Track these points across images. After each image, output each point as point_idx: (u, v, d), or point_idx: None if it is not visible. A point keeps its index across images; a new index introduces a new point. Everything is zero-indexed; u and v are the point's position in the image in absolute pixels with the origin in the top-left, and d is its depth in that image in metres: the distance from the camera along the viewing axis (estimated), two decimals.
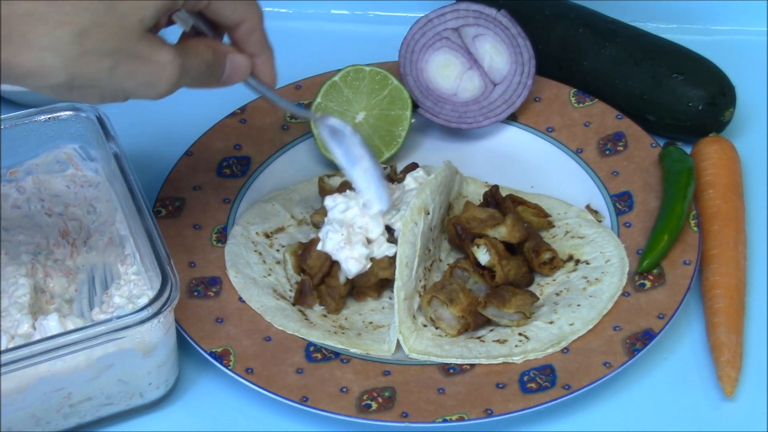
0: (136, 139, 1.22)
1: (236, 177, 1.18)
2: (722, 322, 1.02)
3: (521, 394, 0.97)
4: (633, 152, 1.18)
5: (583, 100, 1.24)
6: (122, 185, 1.03)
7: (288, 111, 1.01)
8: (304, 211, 1.16)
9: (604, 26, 1.27)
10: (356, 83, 1.20)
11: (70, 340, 0.90)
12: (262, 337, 1.02)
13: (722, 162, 1.16)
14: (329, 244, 1.04)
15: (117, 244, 1.07)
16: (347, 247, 1.04)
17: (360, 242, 1.04)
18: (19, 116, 1.08)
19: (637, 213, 1.12)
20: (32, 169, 1.11)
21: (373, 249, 1.05)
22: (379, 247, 1.05)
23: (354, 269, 1.04)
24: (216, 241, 1.11)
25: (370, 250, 1.04)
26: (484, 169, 1.19)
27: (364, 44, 1.36)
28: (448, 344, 1.02)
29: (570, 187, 1.17)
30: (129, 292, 1.00)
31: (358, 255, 1.04)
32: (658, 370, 1.02)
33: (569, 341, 1.01)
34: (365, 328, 1.05)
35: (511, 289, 1.03)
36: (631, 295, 1.05)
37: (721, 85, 1.22)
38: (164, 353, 0.96)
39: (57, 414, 0.95)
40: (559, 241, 1.11)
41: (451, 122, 1.23)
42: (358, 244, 1.04)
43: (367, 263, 1.04)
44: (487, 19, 1.22)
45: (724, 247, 1.08)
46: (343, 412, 0.96)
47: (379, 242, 1.05)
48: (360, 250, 1.04)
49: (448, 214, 1.12)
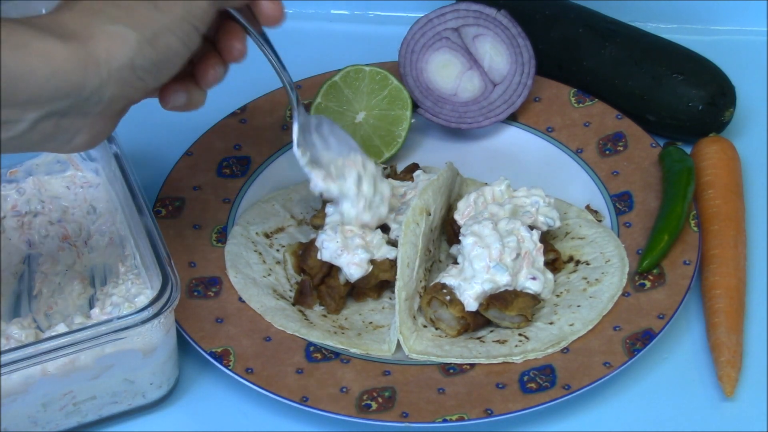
0: (136, 139, 1.22)
1: (236, 177, 1.18)
2: (722, 322, 1.02)
3: (521, 394, 0.97)
4: (633, 152, 1.18)
5: (583, 100, 1.24)
6: (122, 185, 1.03)
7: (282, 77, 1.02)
8: (304, 211, 1.16)
9: (604, 26, 1.27)
10: (356, 83, 1.21)
11: (71, 341, 0.90)
12: (262, 337, 1.02)
13: (722, 162, 1.16)
14: (326, 253, 1.04)
15: (117, 244, 1.07)
16: (346, 253, 1.04)
17: (359, 247, 1.04)
18: None
19: (637, 213, 1.12)
20: (32, 169, 1.11)
21: (373, 252, 1.05)
22: (379, 250, 1.05)
23: (356, 274, 1.04)
24: (216, 241, 1.11)
25: (370, 254, 1.04)
26: (484, 169, 1.19)
27: (364, 44, 1.36)
28: (448, 344, 1.02)
29: (570, 187, 1.17)
30: (127, 291, 1.00)
31: (359, 260, 1.04)
32: (658, 370, 1.02)
33: (569, 341, 1.01)
34: (365, 328, 1.05)
35: (514, 291, 1.03)
36: (631, 295, 1.05)
37: (721, 85, 1.22)
38: (165, 353, 0.96)
39: (59, 413, 0.95)
40: (559, 242, 1.11)
41: (451, 122, 1.23)
42: (358, 249, 1.04)
43: (368, 267, 1.04)
44: (487, 19, 1.22)
45: (724, 247, 1.08)
46: (343, 412, 0.96)
47: (379, 244, 1.05)
48: (360, 255, 1.03)
49: (448, 216, 1.12)
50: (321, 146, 1.07)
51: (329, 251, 1.04)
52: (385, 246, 1.05)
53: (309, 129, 1.07)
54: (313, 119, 1.07)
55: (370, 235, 1.05)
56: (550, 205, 1.08)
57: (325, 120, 1.08)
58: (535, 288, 1.03)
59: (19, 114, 0.81)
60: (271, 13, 0.94)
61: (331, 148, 1.07)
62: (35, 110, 0.81)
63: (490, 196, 1.10)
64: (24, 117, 0.81)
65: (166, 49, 0.86)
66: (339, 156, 1.07)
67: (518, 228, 1.04)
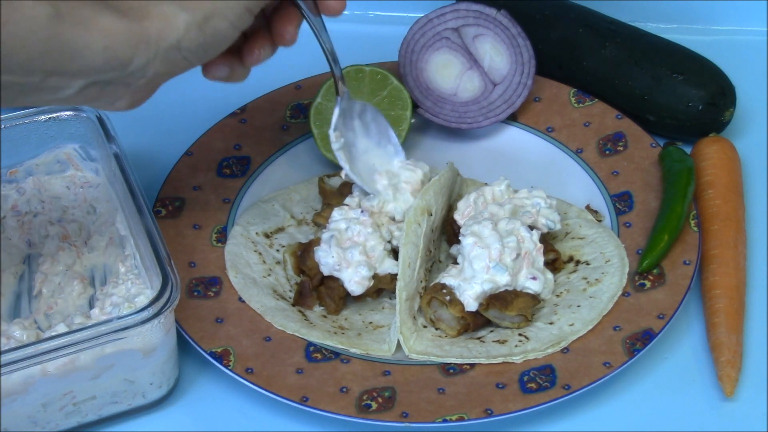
0: (136, 139, 1.22)
1: (236, 177, 1.18)
2: (722, 322, 1.02)
3: (521, 394, 0.97)
4: (633, 152, 1.18)
5: (583, 100, 1.24)
6: (122, 185, 1.03)
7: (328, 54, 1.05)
8: (304, 211, 1.16)
9: (604, 26, 1.27)
10: (356, 83, 1.20)
11: (71, 341, 0.90)
12: (262, 337, 1.02)
13: (722, 162, 1.16)
14: (325, 269, 1.04)
15: (117, 244, 1.07)
16: (347, 267, 1.03)
17: (361, 264, 1.03)
18: (19, 116, 1.08)
19: (637, 213, 1.12)
20: (32, 169, 1.11)
21: (375, 266, 1.04)
22: (381, 264, 1.05)
23: (358, 291, 1.04)
24: (216, 241, 1.11)
25: (372, 270, 1.04)
26: (484, 169, 1.19)
27: (364, 44, 1.36)
28: (448, 344, 1.02)
29: (570, 187, 1.17)
30: (127, 291, 1.00)
31: (360, 278, 1.03)
32: (658, 370, 1.02)
33: (569, 341, 1.01)
34: (365, 328, 1.05)
35: (514, 291, 1.03)
36: (631, 295, 1.05)
37: (721, 85, 1.22)
38: (165, 353, 0.96)
39: (59, 413, 0.95)
40: (559, 242, 1.11)
41: (450, 122, 1.23)
42: (360, 267, 1.03)
43: (370, 283, 1.04)
44: (487, 19, 1.22)
45: (724, 247, 1.08)
46: (343, 412, 0.96)
47: (381, 257, 1.05)
48: (362, 273, 1.03)
49: (448, 216, 1.12)
50: (361, 132, 1.11)
51: (328, 267, 1.04)
52: (387, 260, 1.05)
53: (351, 114, 1.10)
54: (357, 105, 1.10)
55: (371, 241, 1.05)
56: (551, 207, 1.08)
57: (369, 108, 1.11)
58: (535, 288, 1.03)
59: (68, 81, 0.85)
60: (332, 2, 0.97)
61: (370, 136, 1.11)
62: (83, 79, 0.85)
63: (490, 196, 1.10)
64: (72, 84, 0.85)
65: (214, 33, 0.88)
66: (378, 148, 1.11)
67: (518, 228, 1.04)
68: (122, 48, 0.84)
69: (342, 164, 1.09)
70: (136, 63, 0.86)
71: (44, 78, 0.83)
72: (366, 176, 1.10)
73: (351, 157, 1.10)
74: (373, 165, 1.11)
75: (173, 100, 1.29)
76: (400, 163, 1.12)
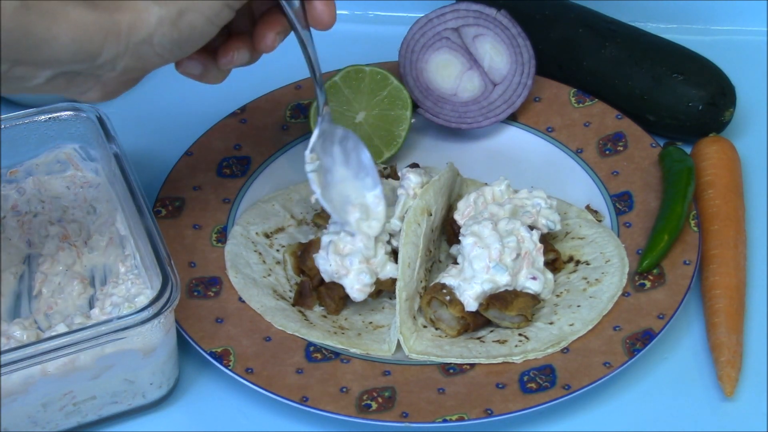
0: (136, 139, 1.22)
1: (236, 177, 1.18)
2: (722, 322, 1.02)
3: (521, 394, 0.97)
4: (633, 152, 1.18)
5: (583, 100, 1.24)
6: (122, 185, 1.03)
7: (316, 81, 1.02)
8: (304, 211, 1.16)
9: (604, 26, 1.27)
10: (356, 83, 1.20)
11: (71, 341, 0.90)
12: (262, 337, 1.02)
13: (722, 162, 1.16)
14: (326, 276, 1.04)
15: (117, 244, 1.07)
16: (347, 274, 1.03)
17: (363, 272, 1.03)
18: (19, 116, 1.08)
19: (637, 213, 1.12)
20: (32, 169, 1.11)
21: (377, 271, 1.04)
22: (383, 269, 1.05)
23: (359, 298, 1.04)
24: (216, 241, 1.11)
25: (373, 276, 1.03)
26: (484, 169, 1.19)
27: (364, 44, 1.36)
28: (448, 344, 1.02)
29: (570, 187, 1.17)
30: (127, 291, 1.00)
31: (361, 286, 1.03)
32: (658, 370, 1.02)
33: (569, 341, 1.01)
34: (365, 328, 1.05)
35: (514, 291, 1.03)
36: (631, 295, 1.05)
37: (721, 85, 1.22)
38: (165, 353, 0.96)
39: (59, 413, 0.95)
40: (559, 242, 1.11)
41: (451, 122, 1.23)
42: (361, 275, 1.03)
43: (371, 289, 1.04)
44: (487, 19, 1.22)
45: (724, 247, 1.08)
46: (343, 412, 0.96)
47: (382, 262, 1.04)
48: (364, 281, 1.03)
49: (448, 216, 1.12)
50: (340, 160, 1.05)
51: (327, 274, 1.04)
52: (389, 264, 1.04)
53: (332, 139, 1.05)
54: (339, 130, 1.05)
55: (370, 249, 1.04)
56: (551, 208, 1.08)
57: (352, 136, 1.05)
58: (535, 288, 1.03)
59: (36, 72, 0.84)
60: (322, 16, 0.95)
61: (349, 166, 1.05)
62: (51, 69, 0.84)
63: (490, 196, 1.10)
64: (39, 74, 0.85)
65: (188, 29, 0.87)
66: (356, 179, 1.05)
67: (518, 228, 1.04)
68: (90, 40, 0.83)
69: (313, 188, 1.04)
70: (105, 56, 0.85)
71: (11, 67, 0.82)
72: (339, 205, 1.05)
73: (326, 183, 1.04)
74: (348, 196, 1.05)
75: (173, 100, 1.30)
76: (373, 198, 1.05)
